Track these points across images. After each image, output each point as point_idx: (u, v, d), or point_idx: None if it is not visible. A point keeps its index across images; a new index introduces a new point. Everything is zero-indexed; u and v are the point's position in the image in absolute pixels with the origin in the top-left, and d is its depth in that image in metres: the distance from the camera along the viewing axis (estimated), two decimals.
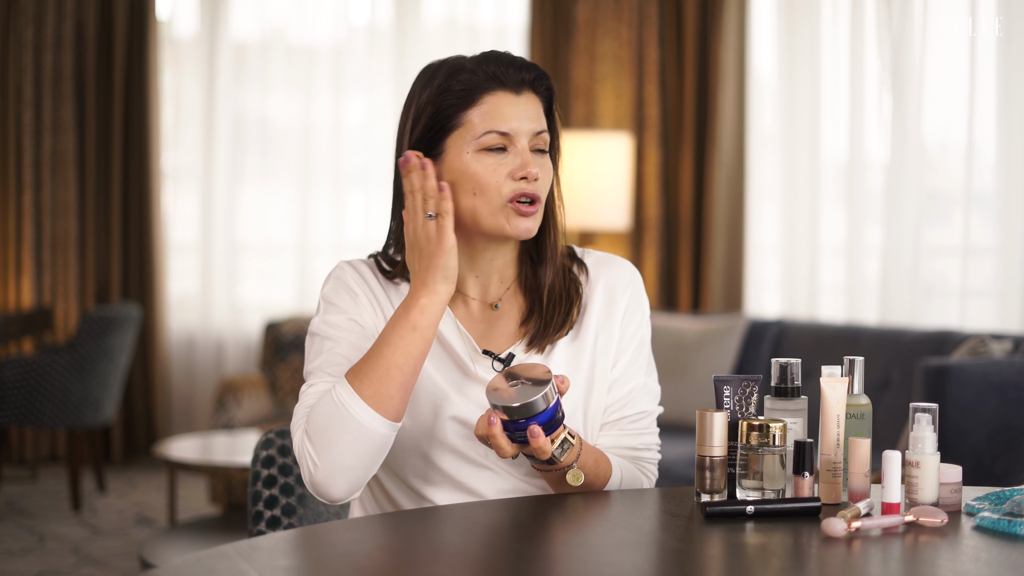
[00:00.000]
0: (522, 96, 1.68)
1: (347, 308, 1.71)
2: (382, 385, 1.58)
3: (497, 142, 1.66)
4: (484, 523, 1.50)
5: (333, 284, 1.74)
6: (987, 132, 4.87)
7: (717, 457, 1.57)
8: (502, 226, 1.67)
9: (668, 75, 5.84)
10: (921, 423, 1.54)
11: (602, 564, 1.31)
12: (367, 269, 1.76)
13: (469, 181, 1.67)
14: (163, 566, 1.26)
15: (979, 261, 4.95)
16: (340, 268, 1.76)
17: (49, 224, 6.04)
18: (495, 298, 1.76)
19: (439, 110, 1.68)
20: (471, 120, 1.67)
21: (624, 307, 1.78)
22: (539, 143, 1.69)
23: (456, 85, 1.67)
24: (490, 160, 1.66)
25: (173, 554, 3.83)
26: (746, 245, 5.65)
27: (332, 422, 1.57)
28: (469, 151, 1.67)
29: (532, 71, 1.70)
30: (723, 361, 4.84)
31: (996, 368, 3.57)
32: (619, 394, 1.76)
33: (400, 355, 1.59)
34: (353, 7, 6.29)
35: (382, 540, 1.43)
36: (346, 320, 1.70)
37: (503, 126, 1.66)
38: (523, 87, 1.69)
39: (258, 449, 1.95)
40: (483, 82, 1.67)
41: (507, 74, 1.67)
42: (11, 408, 4.97)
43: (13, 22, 5.98)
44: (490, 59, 1.69)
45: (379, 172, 6.25)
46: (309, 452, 1.58)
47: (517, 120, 1.67)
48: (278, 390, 5.53)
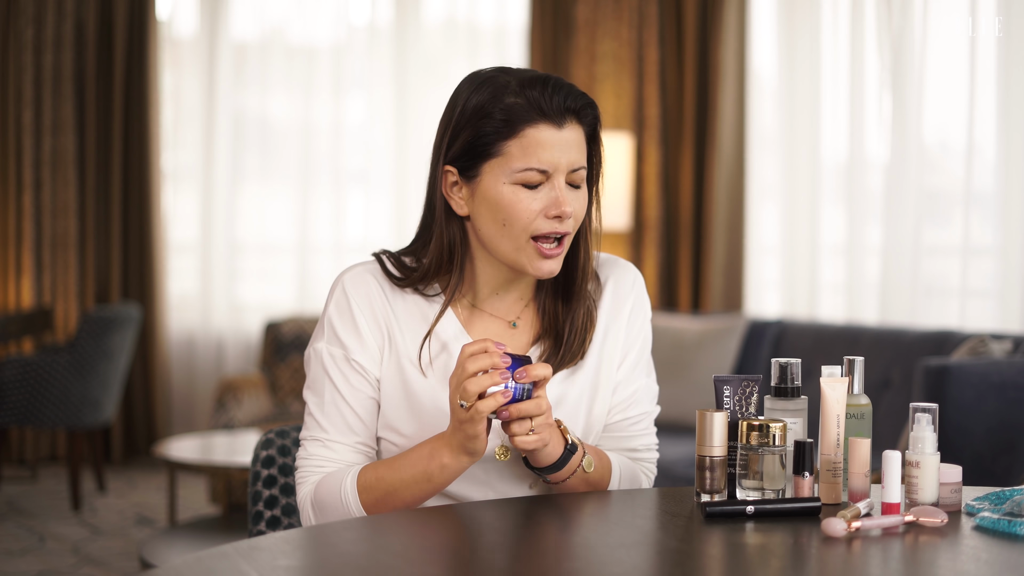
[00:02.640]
0: (564, 129, 1.63)
1: (349, 344, 1.69)
2: (384, 508, 1.64)
3: (535, 179, 1.63)
4: (483, 523, 1.50)
5: (336, 309, 1.71)
6: (987, 132, 4.87)
7: (717, 457, 1.57)
8: (523, 264, 1.65)
9: (668, 75, 5.84)
10: (921, 423, 1.54)
11: (602, 564, 1.31)
12: (372, 279, 1.71)
13: (501, 211, 1.64)
14: (163, 566, 1.26)
15: (979, 261, 4.95)
16: (342, 285, 1.71)
17: (49, 224, 6.04)
18: (513, 316, 1.75)
19: (478, 134, 1.63)
20: (510, 151, 1.63)
21: (629, 310, 1.78)
22: (575, 179, 1.65)
23: (498, 112, 1.62)
24: (524, 193, 1.63)
25: (173, 554, 3.83)
26: (746, 245, 5.65)
27: (334, 511, 1.65)
28: (505, 182, 1.63)
29: (578, 100, 1.64)
30: (723, 361, 4.84)
31: (996, 368, 3.57)
32: (623, 395, 1.76)
33: (409, 495, 1.63)
34: (353, 7, 6.29)
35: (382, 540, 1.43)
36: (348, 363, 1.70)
37: (542, 163, 1.62)
38: (566, 118, 1.63)
39: (258, 449, 1.95)
40: (526, 112, 1.62)
41: (551, 103, 1.62)
42: (11, 408, 4.97)
43: (13, 22, 5.98)
44: (536, 84, 1.63)
45: (379, 172, 6.25)
46: (310, 516, 1.69)
47: (556, 155, 1.62)
48: (278, 390, 5.53)
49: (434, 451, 1.60)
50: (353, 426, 1.69)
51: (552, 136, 1.62)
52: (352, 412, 1.69)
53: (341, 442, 1.69)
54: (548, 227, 1.63)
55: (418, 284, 1.71)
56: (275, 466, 1.93)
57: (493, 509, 1.55)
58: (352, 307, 1.70)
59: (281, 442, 1.95)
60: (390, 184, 6.22)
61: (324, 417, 1.69)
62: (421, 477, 1.60)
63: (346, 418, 1.69)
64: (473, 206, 1.67)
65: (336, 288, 1.72)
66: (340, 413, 1.69)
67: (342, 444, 1.69)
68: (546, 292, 1.75)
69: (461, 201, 1.68)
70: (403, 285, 1.71)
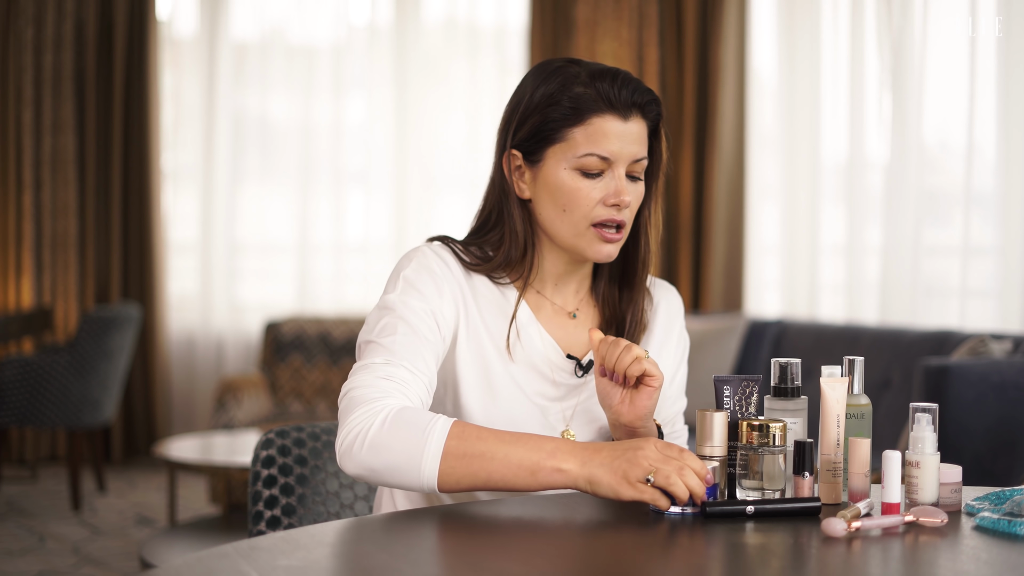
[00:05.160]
0: (630, 121, 1.67)
1: (429, 296, 1.66)
2: (464, 468, 1.51)
3: (597, 166, 1.66)
4: (484, 523, 1.50)
5: (416, 267, 1.68)
6: (987, 132, 4.87)
7: (717, 457, 1.57)
8: (583, 248, 1.68)
9: (668, 75, 5.84)
10: (921, 423, 1.54)
11: (602, 564, 1.31)
12: (448, 254, 1.71)
13: (562, 196, 1.67)
14: (163, 566, 1.26)
15: (979, 261, 4.95)
16: (422, 252, 1.70)
17: (49, 224, 6.04)
18: (573, 306, 1.77)
19: (546, 120, 1.67)
20: (575, 138, 1.66)
21: (678, 332, 1.84)
22: (636, 170, 1.69)
23: (567, 100, 1.66)
24: (585, 182, 1.66)
25: (173, 554, 3.83)
26: (746, 245, 5.65)
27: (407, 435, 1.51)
28: (567, 167, 1.67)
29: (645, 95, 1.68)
30: (723, 361, 4.84)
31: (996, 368, 3.57)
32: (671, 411, 1.82)
33: (500, 474, 1.51)
34: (353, 7, 6.29)
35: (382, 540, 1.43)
36: (426, 310, 1.65)
37: (605, 151, 1.65)
38: (632, 111, 1.67)
39: (258, 449, 1.95)
40: (593, 102, 1.66)
41: (619, 96, 1.66)
42: (11, 408, 4.97)
43: (13, 22, 5.98)
44: (605, 77, 1.67)
45: (379, 172, 6.25)
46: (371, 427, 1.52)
47: (620, 145, 1.66)
48: (278, 390, 5.53)
49: (557, 451, 1.50)
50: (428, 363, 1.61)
51: (617, 127, 1.66)
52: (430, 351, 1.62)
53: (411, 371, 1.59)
54: (606, 214, 1.66)
55: (492, 271, 1.72)
56: (275, 466, 1.93)
57: (493, 509, 1.55)
58: (435, 268, 1.68)
59: (281, 442, 1.95)
60: (390, 184, 6.22)
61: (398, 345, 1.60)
62: (527, 465, 1.50)
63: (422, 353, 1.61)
64: (535, 190, 1.70)
65: (415, 253, 1.70)
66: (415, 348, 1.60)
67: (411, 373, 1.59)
68: (605, 282, 1.78)
69: (524, 186, 1.71)
70: (477, 270, 1.72)
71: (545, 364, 1.71)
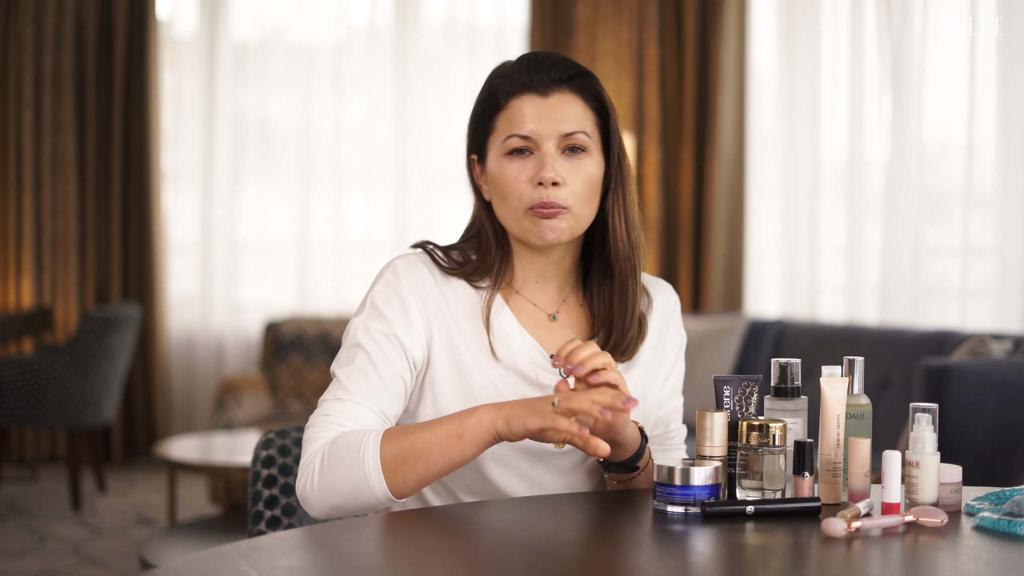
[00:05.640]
0: (551, 97, 1.64)
1: (393, 319, 1.65)
2: (406, 467, 1.55)
3: (518, 144, 1.64)
4: (483, 523, 1.50)
5: (383, 288, 1.68)
6: (987, 132, 4.87)
7: (717, 457, 1.57)
8: (526, 235, 1.66)
9: (668, 75, 5.84)
10: (921, 423, 1.54)
11: (602, 564, 1.31)
12: (423, 266, 1.70)
13: (498, 186, 1.67)
14: (163, 566, 1.26)
15: (979, 261, 4.95)
16: (393, 269, 1.69)
17: (49, 224, 6.04)
18: (554, 308, 1.74)
19: (480, 115, 1.70)
20: (499, 124, 1.66)
21: (674, 331, 1.81)
22: (574, 143, 1.64)
23: (487, 90, 1.68)
24: (513, 165, 1.65)
25: (173, 554, 3.83)
26: (746, 245, 5.65)
27: (345, 464, 1.55)
28: (498, 155, 1.66)
29: (566, 70, 1.65)
30: (723, 361, 4.84)
31: (996, 368, 3.58)
32: (668, 409, 1.80)
33: (435, 454, 1.54)
34: (353, 7, 6.29)
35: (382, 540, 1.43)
36: (387, 334, 1.65)
37: (524, 129, 1.63)
38: (553, 87, 1.65)
39: (258, 449, 1.95)
40: (510, 84, 1.66)
41: (536, 76, 1.65)
42: (11, 408, 4.97)
43: (13, 22, 5.98)
44: (520, 62, 1.68)
45: (379, 172, 6.25)
46: (314, 471, 1.57)
47: (540, 122, 1.63)
48: (278, 390, 5.53)
49: (475, 410, 1.55)
50: (378, 393, 1.63)
51: (536, 104, 1.64)
52: (380, 381, 1.63)
53: (364, 405, 1.62)
54: (536, 196, 1.63)
55: (470, 276, 1.71)
56: (275, 466, 1.93)
57: (493, 509, 1.55)
58: (403, 288, 1.67)
59: (281, 442, 1.95)
60: (390, 184, 6.22)
61: (350, 380, 1.63)
62: (452, 433, 1.53)
63: (372, 384, 1.63)
64: (490, 189, 1.70)
65: (387, 270, 1.70)
66: (368, 379, 1.63)
67: (365, 408, 1.62)
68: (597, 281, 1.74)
69: (485, 187, 1.71)
70: (454, 274, 1.70)
71: (528, 366, 1.68)
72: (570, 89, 1.65)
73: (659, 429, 1.79)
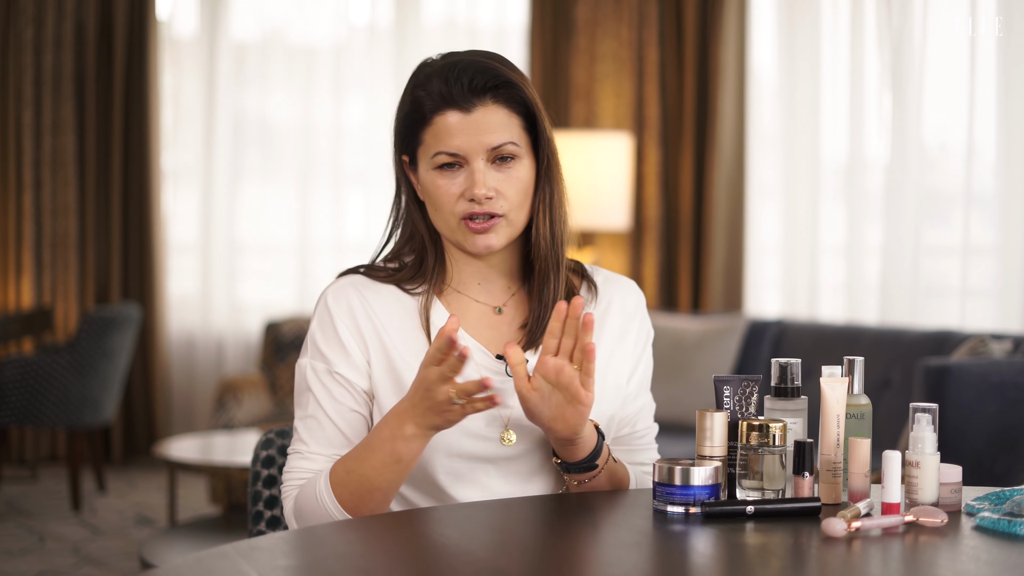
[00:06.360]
0: (475, 112, 1.62)
1: (333, 356, 1.67)
2: (364, 501, 1.60)
3: (446, 160, 1.64)
4: (483, 523, 1.50)
5: (318, 325, 1.70)
6: (987, 132, 4.87)
7: (717, 457, 1.57)
8: (461, 243, 1.67)
9: (668, 75, 5.84)
10: (921, 423, 1.54)
11: (601, 564, 1.31)
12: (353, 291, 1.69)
13: (430, 197, 1.67)
14: (163, 566, 1.26)
15: (979, 261, 4.95)
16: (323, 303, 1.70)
17: (49, 224, 6.04)
18: (500, 303, 1.73)
19: (405, 124, 1.68)
20: (426, 139, 1.65)
21: (637, 327, 1.77)
22: (500, 153, 1.64)
23: (409, 104, 1.67)
24: (443, 180, 1.64)
25: (173, 554, 3.83)
26: (746, 245, 5.65)
27: (317, 517, 1.62)
28: (428, 168, 1.66)
29: (486, 79, 1.62)
30: (723, 361, 4.84)
31: (996, 368, 3.57)
32: (633, 408, 1.76)
33: (383, 480, 1.59)
34: (353, 7, 6.29)
35: (382, 540, 1.43)
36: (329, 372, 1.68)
37: (451, 147, 1.62)
38: (475, 100, 1.62)
39: (258, 449, 1.95)
40: (431, 99, 1.64)
41: (454, 91, 1.62)
42: (11, 408, 4.97)
43: (13, 22, 5.98)
44: (441, 74, 1.64)
45: (379, 172, 6.25)
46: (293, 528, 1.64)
47: (465, 137, 1.62)
48: (278, 390, 5.53)
49: (395, 430, 1.57)
50: (332, 439, 1.67)
51: (459, 121, 1.63)
52: (332, 425, 1.67)
53: (321, 454, 1.67)
54: (467, 209, 1.63)
55: (404, 283, 1.70)
56: (275, 466, 1.94)
57: (490, 509, 1.55)
58: (335, 321, 1.68)
59: (281, 442, 1.95)
60: (390, 184, 6.19)
61: (305, 430, 1.68)
62: (389, 460, 1.57)
63: (326, 430, 1.67)
64: (421, 191, 1.70)
65: (319, 305, 1.71)
66: (320, 426, 1.67)
67: (322, 456, 1.67)
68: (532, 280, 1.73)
69: (418, 187, 1.71)
70: (389, 283, 1.71)
71: (474, 370, 1.66)
72: (493, 100, 1.64)
73: (625, 429, 1.76)
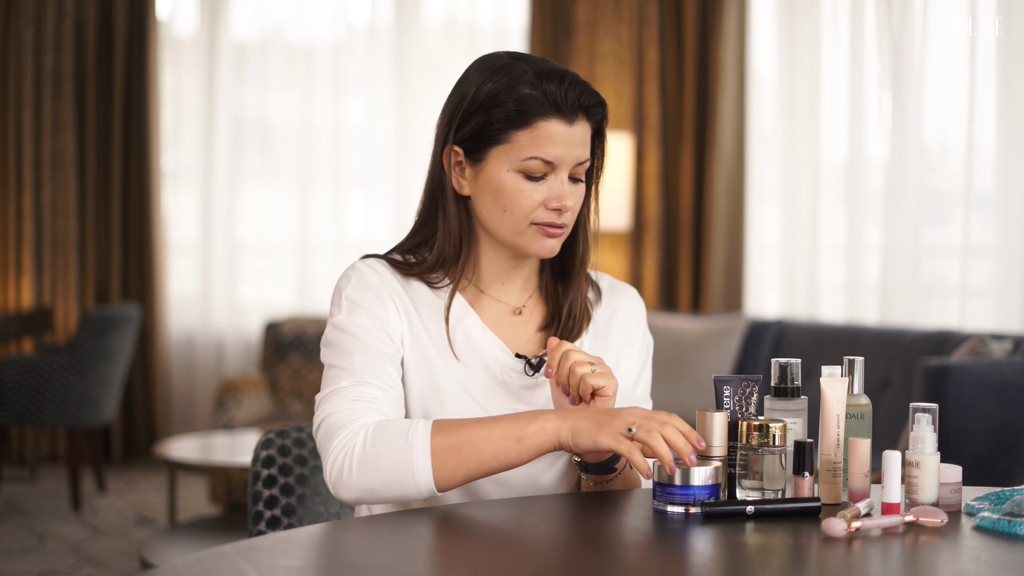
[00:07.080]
0: (575, 125, 1.64)
1: (374, 310, 1.66)
2: (456, 460, 1.54)
3: (540, 169, 1.64)
4: (483, 523, 1.50)
5: (356, 284, 1.68)
6: (987, 132, 4.87)
7: (717, 457, 1.57)
8: (524, 245, 1.67)
9: (668, 75, 5.84)
10: (921, 423, 1.54)
11: (602, 564, 1.31)
12: (384, 267, 1.71)
13: (504, 198, 1.65)
14: (163, 566, 1.26)
15: (979, 261, 4.95)
16: (358, 268, 1.70)
17: (49, 224, 6.04)
18: (519, 303, 1.75)
19: (490, 120, 1.65)
20: (519, 140, 1.64)
21: (641, 337, 1.81)
22: (578, 172, 1.67)
23: (511, 102, 1.63)
24: (527, 184, 1.64)
25: (173, 554, 3.83)
26: (746, 245, 5.65)
27: (392, 447, 1.54)
28: (510, 169, 1.65)
29: (592, 98, 1.65)
30: (723, 361, 4.84)
31: (996, 368, 3.57)
32: None
33: (489, 452, 1.54)
34: (353, 7, 6.29)
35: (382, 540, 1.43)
36: (375, 326, 1.66)
37: (550, 155, 1.63)
38: (578, 114, 1.65)
39: (258, 449, 1.95)
40: (540, 104, 1.63)
41: (566, 99, 1.63)
42: (11, 408, 4.97)
43: (13, 22, 5.98)
44: (553, 78, 1.64)
45: (379, 172, 6.26)
46: (354, 449, 1.55)
47: (564, 149, 1.64)
48: (278, 390, 5.53)
49: (537, 415, 1.54)
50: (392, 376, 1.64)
51: (562, 131, 1.64)
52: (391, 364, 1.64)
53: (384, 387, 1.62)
54: (547, 217, 1.65)
55: (427, 274, 1.71)
56: (275, 466, 1.93)
57: (491, 509, 1.55)
58: (373, 282, 1.68)
59: (281, 442, 1.95)
60: (390, 184, 6.22)
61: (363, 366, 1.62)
62: (512, 434, 1.53)
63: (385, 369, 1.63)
64: (475, 188, 1.68)
65: (352, 271, 1.70)
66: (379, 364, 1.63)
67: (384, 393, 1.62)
68: (548, 278, 1.77)
69: (464, 182, 1.69)
70: (411, 274, 1.71)
71: (495, 365, 1.69)
72: (587, 118, 1.66)
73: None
